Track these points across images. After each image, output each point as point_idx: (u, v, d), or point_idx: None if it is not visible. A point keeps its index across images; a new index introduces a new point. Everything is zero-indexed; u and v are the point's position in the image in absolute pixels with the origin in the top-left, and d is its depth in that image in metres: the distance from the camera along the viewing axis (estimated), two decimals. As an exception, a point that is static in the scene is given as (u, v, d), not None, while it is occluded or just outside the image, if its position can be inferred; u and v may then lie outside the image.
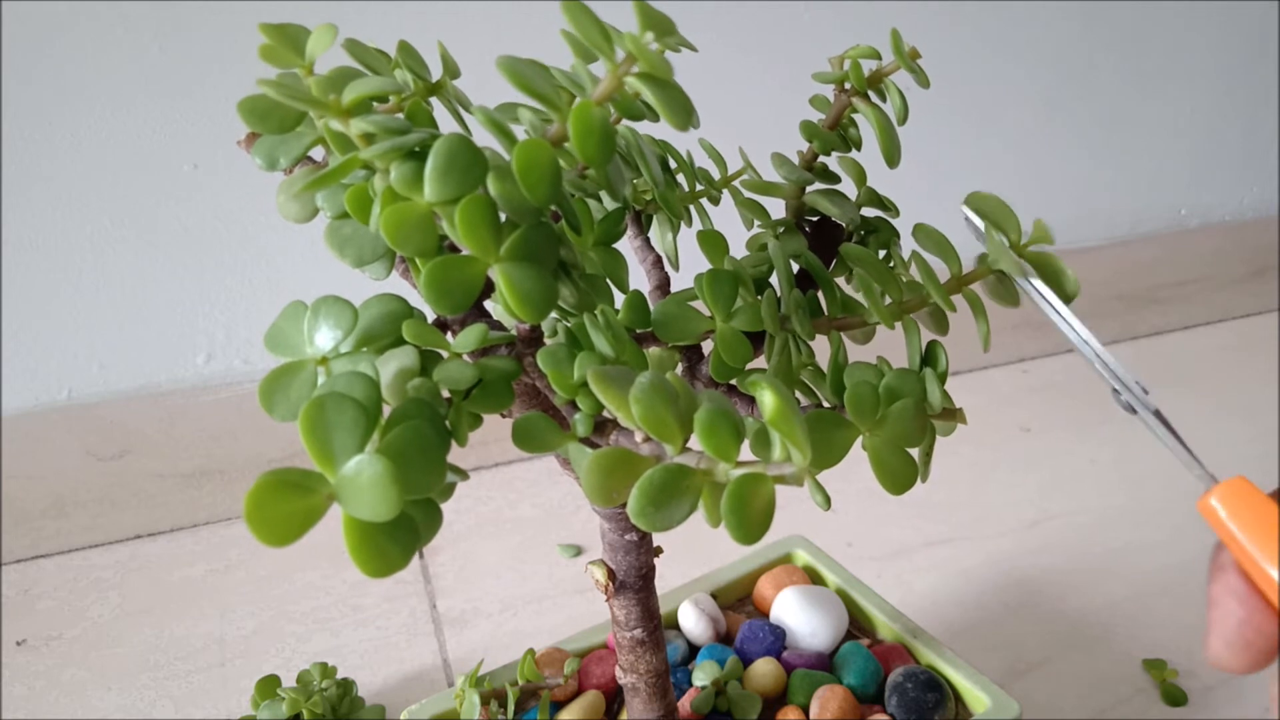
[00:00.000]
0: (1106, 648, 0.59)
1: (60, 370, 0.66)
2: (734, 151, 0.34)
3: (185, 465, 0.70)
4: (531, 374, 0.26)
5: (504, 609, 0.63)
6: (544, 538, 0.69)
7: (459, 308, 0.22)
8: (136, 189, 0.63)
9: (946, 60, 0.83)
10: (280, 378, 0.22)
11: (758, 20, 0.75)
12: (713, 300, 0.27)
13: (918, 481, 0.25)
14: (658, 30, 0.21)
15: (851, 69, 0.31)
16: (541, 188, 0.21)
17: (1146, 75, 0.92)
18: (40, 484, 0.67)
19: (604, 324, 0.25)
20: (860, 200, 0.33)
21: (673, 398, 0.20)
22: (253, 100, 0.25)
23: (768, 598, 0.47)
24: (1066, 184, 0.94)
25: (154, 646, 0.60)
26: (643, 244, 0.33)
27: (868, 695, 0.42)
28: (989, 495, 0.74)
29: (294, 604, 0.63)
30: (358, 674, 0.57)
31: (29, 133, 0.60)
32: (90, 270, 0.64)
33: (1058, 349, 0.98)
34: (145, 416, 0.68)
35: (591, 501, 0.21)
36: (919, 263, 0.28)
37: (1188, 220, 1.02)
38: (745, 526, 0.20)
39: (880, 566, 0.66)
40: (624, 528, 0.32)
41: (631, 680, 0.35)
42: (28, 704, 0.55)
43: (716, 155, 0.33)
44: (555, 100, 0.23)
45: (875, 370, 0.26)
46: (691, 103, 0.22)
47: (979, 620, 0.61)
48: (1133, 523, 0.71)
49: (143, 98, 0.61)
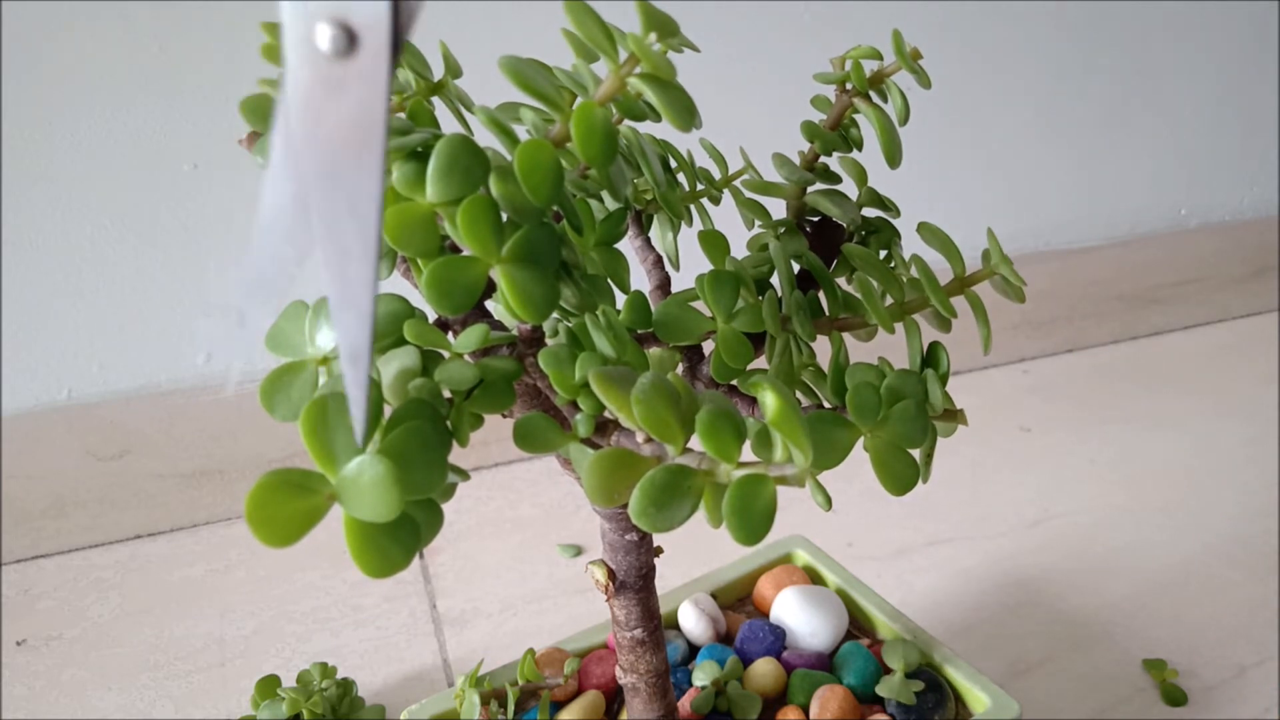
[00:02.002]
0: (1106, 648, 0.59)
1: (60, 370, 0.66)
2: (735, 151, 0.34)
3: (185, 465, 0.70)
4: (533, 374, 0.26)
5: (504, 609, 0.63)
6: (544, 538, 0.69)
7: (460, 308, 0.22)
8: (136, 189, 0.63)
9: (947, 60, 0.83)
10: (281, 378, 0.22)
11: (758, 20, 0.75)
12: (714, 301, 0.27)
13: (919, 482, 0.25)
14: (661, 31, 0.21)
15: (853, 69, 0.31)
16: (544, 188, 0.21)
17: (1146, 75, 0.92)
18: (40, 484, 0.67)
19: (605, 324, 0.25)
20: (861, 200, 0.33)
21: (674, 398, 0.20)
22: (254, 99, 0.25)
23: (768, 598, 0.47)
24: (1066, 183, 0.94)
25: (154, 646, 0.60)
26: (643, 244, 0.33)
27: (868, 695, 0.42)
28: (989, 495, 0.74)
29: (294, 604, 0.63)
30: (358, 674, 0.57)
31: (29, 133, 0.60)
32: (90, 270, 0.64)
33: (1058, 349, 0.99)
34: (145, 416, 0.68)
35: (592, 502, 0.21)
36: (919, 265, 0.28)
37: (1188, 220, 1.02)
38: (747, 527, 0.20)
39: (880, 566, 0.66)
40: (624, 528, 0.32)
41: (631, 680, 0.35)
42: (28, 704, 0.55)
43: (717, 155, 0.33)
44: (557, 100, 0.23)
45: (877, 371, 0.26)
46: (694, 104, 0.22)
47: (979, 620, 0.61)
48: (1133, 523, 0.71)
49: (143, 98, 0.61)
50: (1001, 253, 0.28)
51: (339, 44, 0.16)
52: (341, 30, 0.16)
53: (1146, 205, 0.99)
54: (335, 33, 0.16)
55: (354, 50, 0.17)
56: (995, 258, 0.28)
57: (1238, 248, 1.04)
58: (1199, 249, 1.02)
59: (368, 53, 0.17)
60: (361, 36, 0.17)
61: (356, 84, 0.17)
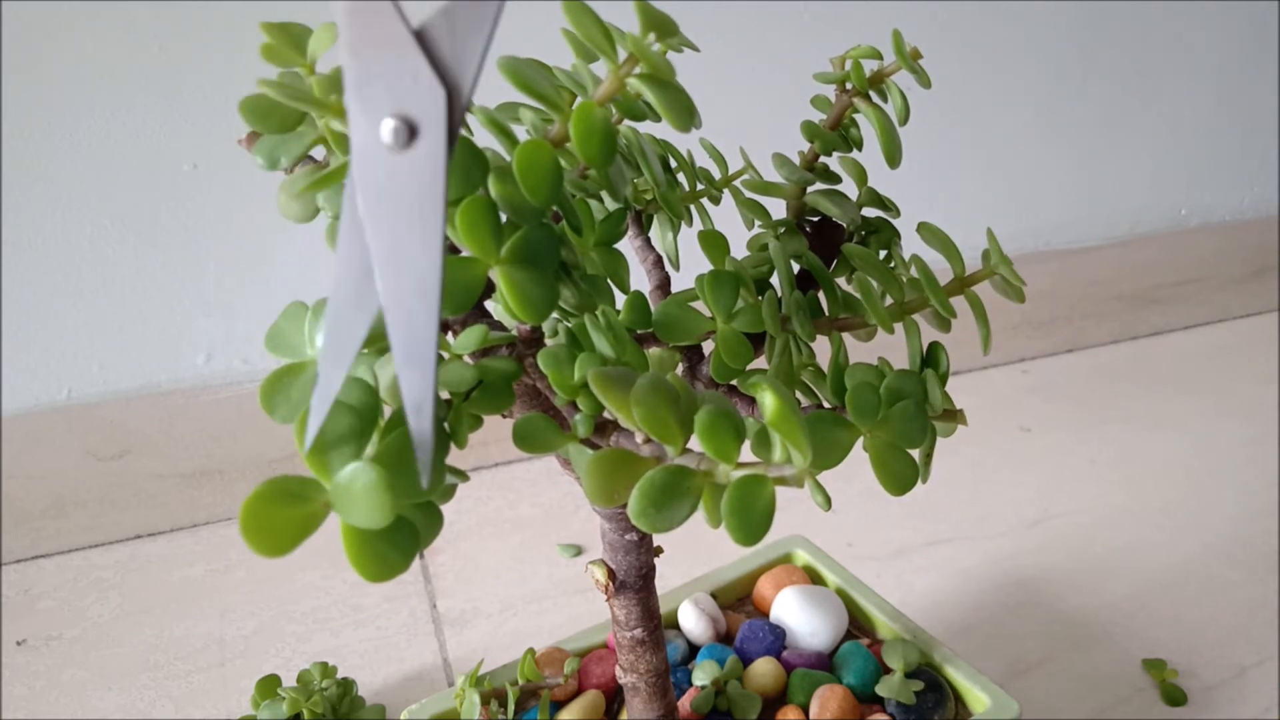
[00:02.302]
0: (1106, 648, 0.59)
1: (60, 370, 0.66)
2: (735, 151, 0.34)
3: (185, 465, 0.70)
4: (532, 375, 0.26)
5: (504, 609, 0.63)
6: (544, 538, 0.69)
7: (460, 309, 0.22)
8: (136, 189, 0.63)
9: (947, 60, 0.83)
10: (281, 379, 0.22)
11: (758, 20, 0.75)
12: (714, 301, 0.27)
13: (918, 482, 0.25)
14: (660, 31, 0.21)
15: (853, 69, 0.31)
16: (543, 189, 0.21)
17: (1146, 75, 0.92)
18: (40, 484, 0.67)
19: (605, 325, 0.25)
20: (861, 200, 0.33)
21: (674, 399, 0.20)
22: (254, 99, 0.25)
23: (768, 597, 0.47)
24: (1066, 183, 0.94)
25: (154, 646, 0.60)
26: (643, 244, 0.33)
27: (867, 695, 0.42)
28: (989, 495, 0.74)
29: (294, 604, 0.63)
30: (358, 674, 0.57)
31: (29, 133, 0.60)
32: (90, 270, 0.64)
33: (1058, 349, 0.99)
34: (145, 416, 0.68)
35: (592, 502, 0.21)
36: (919, 265, 0.28)
37: (1188, 220, 1.02)
38: (746, 528, 0.20)
39: (880, 566, 0.66)
40: (624, 528, 0.32)
41: (631, 680, 0.35)
42: (28, 704, 0.55)
43: (717, 155, 0.33)
44: (556, 100, 0.23)
45: (876, 371, 0.26)
46: (693, 104, 0.22)
47: (979, 620, 0.61)
48: (1133, 523, 0.71)
49: (143, 98, 0.61)
50: (1001, 253, 0.28)
51: (401, 136, 0.18)
52: (403, 124, 0.18)
53: (1146, 205, 0.99)
54: (398, 125, 0.18)
55: (415, 141, 0.18)
56: (995, 258, 0.28)
57: (1238, 248, 1.04)
58: (1199, 249, 1.02)
59: (427, 142, 0.18)
60: (422, 128, 0.18)
61: (417, 170, 0.18)
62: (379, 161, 0.18)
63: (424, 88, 0.18)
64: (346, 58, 0.18)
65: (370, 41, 0.18)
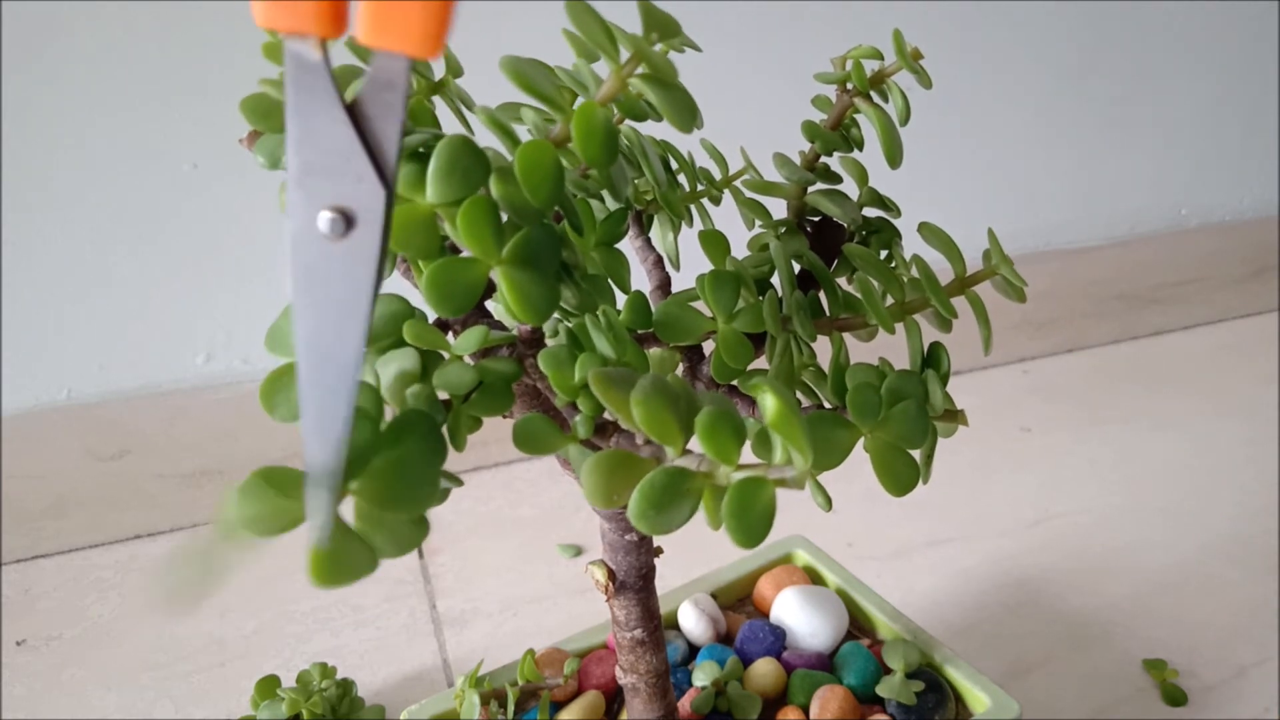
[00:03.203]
0: (1106, 648, 0.59)
1: (60, 370, 0.66)
2: (735, 151, 0.34)
3: (185, 465, 0.70)
4: (532, 375, 0.26)
5: (504, 609, 0.63)
6: (544, 538, 0.69)
7: (461, 309, 0.22)
8: (136, 189, 0.63)
9: (947, 60, 0.83)
10: (281, 378, 0.22)
11: (758, 20, 0.75)
12: (714, 301, 0.27)
13: (919, 482, 0.25)
14: (662, 31, 0.21)
15: (854, 69, 0.31)
16: (544, 189, 0.21)
17: (1146, 75, 0.92)
18: (40, 484, 0.67)
19: (605, 325, 0.25)
20: (862, 200, 0.33)
21: (674, 399, 0.20)
22: (255, 98, 0.25)
23: (768, 598, 0.47)
24: (1066, 183, 0.94)
25: (154, 646, 0.60)
26: (644, 244, 0.33)
27: (868, 695, 0.42)
28: (989, 495, 0.74)
29: (294, 604, 0.63)
30: (358, 674, 0.57)
31: (29, 133, 0.60)
32: (90, 270, 0.64)
33: (1058, 349, 0.99)
34: (145, 416, 0.68)
35: (592, 503, 0.21)
36: (920, 265, 0.28)
37: (1188, 220, 1.02)
38: (746, 530, 0.20)
39: (880, 566, 0.66)
40: (624, 528, 0.32)
41: (631, 680, 0.35)
42: (28, 704, 0.55)
43: (718, 155, 0.33)
44: (558, 100, 0.23)
45: (877, 371, 0.26)
46: (695, 104, 0.22)
47: (979, 620, 0.61)
48: (1133, 523, 0.71)
49: (143, 98, 0.61)
50: (1002, 253, 0.28)
51: (337, 227, 0.18)
52: (340, 215, 0.18)
53: (1146, 205, 0.99)
54: (334, 217, 0.18)
55: (349, 231, 0.18)
56: (996, 258, 0.28)
57: (1238, 248, 1.04)
58: (1199, 249, 1.02)
59: (361, 234, 0.18)
60: (359, 220, 0.18)
61: (348, 261, 0.18)
62: (314, 246, 0.18)
63: (367, 187, 0.18)
64: (291, 151, 0.18)
65: (315, 139, 0.18)
